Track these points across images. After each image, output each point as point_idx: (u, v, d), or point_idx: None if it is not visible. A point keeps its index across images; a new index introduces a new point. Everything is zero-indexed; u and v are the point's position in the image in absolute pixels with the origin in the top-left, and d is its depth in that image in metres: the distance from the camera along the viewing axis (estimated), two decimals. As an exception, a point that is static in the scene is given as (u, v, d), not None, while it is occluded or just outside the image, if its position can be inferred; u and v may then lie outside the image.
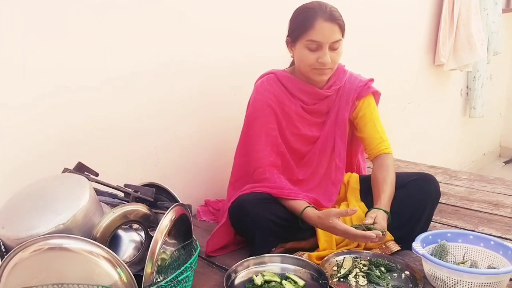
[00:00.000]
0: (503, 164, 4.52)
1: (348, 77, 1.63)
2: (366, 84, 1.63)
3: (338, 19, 1.46)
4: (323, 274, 1.30)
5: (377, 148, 1.60)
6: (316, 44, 1.45)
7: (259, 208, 1.41)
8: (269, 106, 1.55)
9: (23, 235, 1.04)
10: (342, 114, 1.61)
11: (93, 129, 1.50)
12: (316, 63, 1.47)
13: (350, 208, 1.37)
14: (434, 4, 3.12)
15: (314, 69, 1.50)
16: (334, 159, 1.62)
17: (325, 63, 1.46)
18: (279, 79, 1.60)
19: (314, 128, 1.63)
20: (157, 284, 1.04)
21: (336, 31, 1.46)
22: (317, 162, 1.63)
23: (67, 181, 1.20)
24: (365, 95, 1.62)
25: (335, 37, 1.45)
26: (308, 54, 1.47)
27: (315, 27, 1.44)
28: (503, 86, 4.39)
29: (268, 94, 1.57)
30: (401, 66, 2.97)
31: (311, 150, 1.63)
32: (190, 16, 1.72)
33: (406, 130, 3.06)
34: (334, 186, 1.62)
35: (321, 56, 1.46)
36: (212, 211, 1.83)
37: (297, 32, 1.49)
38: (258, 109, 1.57)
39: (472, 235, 1.40)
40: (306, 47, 1.47)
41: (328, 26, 1.44)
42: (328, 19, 1.44)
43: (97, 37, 1.47)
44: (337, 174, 1.62)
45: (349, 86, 1.62)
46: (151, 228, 1.18)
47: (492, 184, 2.18)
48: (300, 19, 1.49)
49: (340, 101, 1.61)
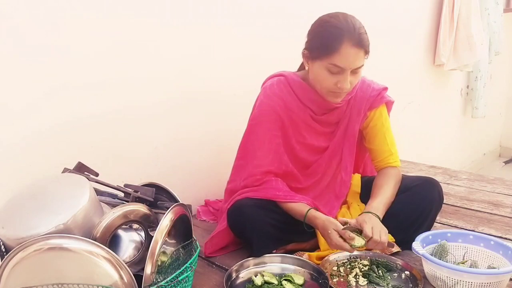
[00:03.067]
0: (503, 164, 4.52)
1: (360, 85, 1.53)
2: (379, 94, 1.54)
3: (365, 44, 1.34)
4: (323, 274, 1.30)
5: (384, 161, 1.54)
6: (338, 69, 1.34)
7: (257, 212, 1.39)
8: (276, 112, 1.48)
9: (23, 235, 1.03)
10: (352, 126, 1.54)
11: (93, 129, 1.50)
12: (334, 87, 1.37)
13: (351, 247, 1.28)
14: (434, 4, 3.12)
15: (331, 92, 1.40)
16: (340, 172, 1.57)
17: (344, 88, 1.37)
18: (290, 84, 1.51)
19: (321, 138, 1.56)
20: (157, 284, 1.04)
21: (362, 57, 1.35)
22: (322, 174, 1.57)
23: (67, 181, 1.20)
24: (377, 105, 1.54)
25: (359, 63, 1.35)
26: (327, 76, 1.36)
27: (341, 52, 1.31)
28: (503, 86, 4.39)
29: (277, 99, 1.49)
30: (401, 66, 2.97)
31: (317, 160, 1.57)
32: (190, 17, 1.72)
33: (406, 130, 3.06)
34: (336, 200, 1.57)
35: (341, 81, 1.35)
36: (212, 211, 1.83)
37: (319, 52, 1.36)
38: (264, 114, 1.49)
39: (472, 235, 1.40)
40: (327, 69, 1.35)
41: (355, 52, 1.32)
42: (356, 44, 1.32)
43: (97, 37, 1.47)
44: (342, 188, 1.57)
45: (361, 96, 1.53)
46: (151, 228, 1.18)
47: (492, 184, 2.18)
48: (324, 38, 1.35)
49: (351, 111, 1.53)
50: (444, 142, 3.63)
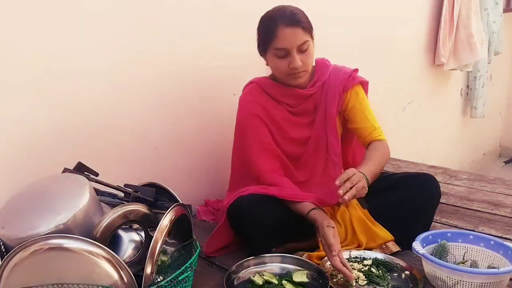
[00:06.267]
0: (503, 164, 4.52)
1: (332, 71, 1.60)
2: (350, 75, 1.58)
3: (299, 21, 1.43)
4: (323, 274, 1.30)
5: (369, 136, 1.57)
6: (283, 51, 1.44)
7: (257, 209, 1.40)
8: (256, 115, 1.55)
9: (23, 235, 1.04)
10: (330, 109, 1.58)
11: (93, 129, 1.50)
12: (288, 69, 1.46)
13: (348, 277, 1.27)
14: (434, 4, 3.12)
15: (289, 75, 1.48)
16: (330, 155, 1.61)
17: (296, 67, 1.44)
18: (261, 87, 1.59)
19: (304, 129, 1.61)
20: (157, 284, 1.04)
21: (300, 33, 1.42)
22: (313, 162, 1.62)
23: (67, 181, 1.20)
24: (351, 86, 1.58)
25: (300, 40, 1.42)
26: (278, 62, 1.46)
27: (278, 35, 1.42)
28: (503, 86, 4.39)
29: (253, 104, 1.57)
30: (401, 66, 2.97)
31: (305, 151, 1.62)
32: (190, 16, 1.72)
33: (406, 130, 3.07)
34: (334, 183, 1.60)
35: (292, 62, 1.44)
36: (212, 211, 1.83)
37: (263, 43, 1.49)
38: (246, 120, 1.57)
39: (472, 235, 1.40)
40: (275, 55, 1.46)
41: (290, 31, 1.41)
42: (289, 24, 1.41)
43: (96, 37, 1.47)
44: (336, 170, 1.60)
45: (334, 80, 1.58)
46: (151, 228, 1.18)
47: (492, 184, 2.18)
48: (263, 29, 1.49)
49: (326, 96, 1.58)
50: (444, 142, 3.63)
